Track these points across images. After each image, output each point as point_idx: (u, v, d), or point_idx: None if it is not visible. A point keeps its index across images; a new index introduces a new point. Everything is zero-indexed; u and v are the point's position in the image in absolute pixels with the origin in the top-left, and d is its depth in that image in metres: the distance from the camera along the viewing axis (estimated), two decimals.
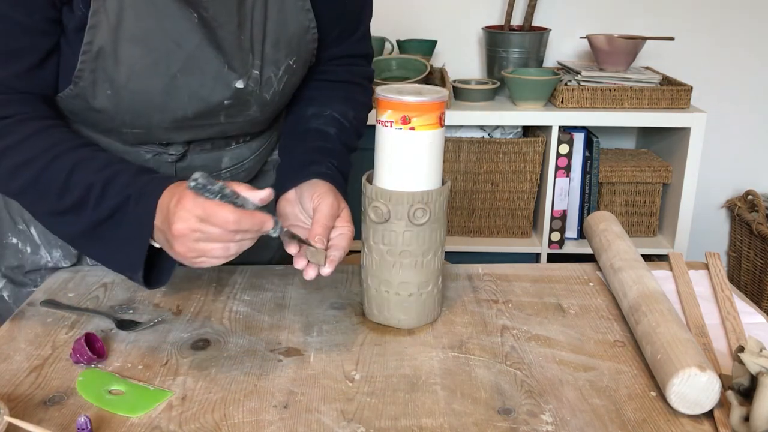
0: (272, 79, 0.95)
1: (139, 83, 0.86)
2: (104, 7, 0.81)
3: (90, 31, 0.82)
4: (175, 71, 0.87)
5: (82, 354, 0.83)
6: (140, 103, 0.89)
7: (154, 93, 0.88)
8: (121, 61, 0.84)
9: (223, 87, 0.91)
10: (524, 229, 2.26)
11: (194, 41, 0.86)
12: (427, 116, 0.85)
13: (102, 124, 0.94)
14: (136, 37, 0.84)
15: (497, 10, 2.38)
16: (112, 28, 0.82)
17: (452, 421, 0.74)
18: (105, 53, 0.83)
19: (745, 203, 2.44)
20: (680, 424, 0.74)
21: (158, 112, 0.91)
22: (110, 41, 0.83)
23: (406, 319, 0.92)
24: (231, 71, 0.90)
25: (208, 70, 0.89)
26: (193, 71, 0.88)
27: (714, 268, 1.07)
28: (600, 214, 1.12)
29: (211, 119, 0.95)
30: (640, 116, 2.09)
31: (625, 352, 0.87)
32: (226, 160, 1.05)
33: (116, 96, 0.87)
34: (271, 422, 0.74)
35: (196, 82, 0.89)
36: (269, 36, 0.93)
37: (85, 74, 0.85)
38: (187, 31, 0.86)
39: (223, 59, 0.89)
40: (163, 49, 0.85)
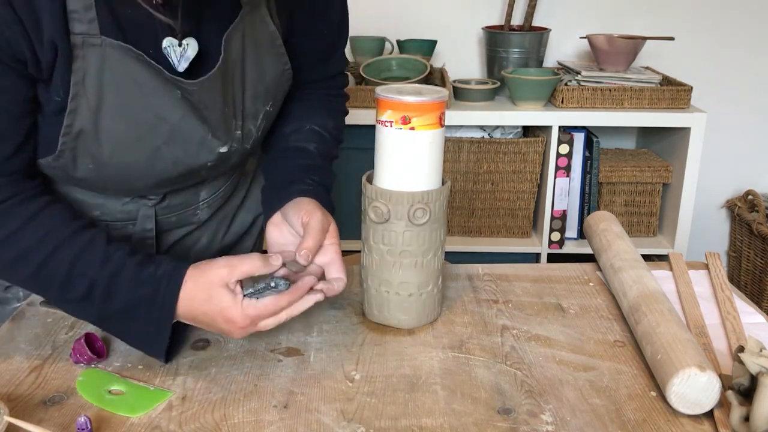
0: (252, 131, 0.95)
1: (122, 157, 0.85)
2: (83, 91, 0.79)
3: (70, 114, 0.80)
4: (159, 143, 0.86)
5: (82, 354, 0.83)
6: (123, 173, 0.87)
7: (137, 164, 0.87)
8: (103, 138, 0.82)
9: (207, 152, 0.90)
10: (524, 229, 2.26)
11: (178, 115, 0.85)
12: (427, 116, 0.85)
13: (82, 186, 0.92)
14: (117, 113, 0.81)
15: (497, 10, 2.38)
16: (92, 109, 0.80)
17: (452, 421, 0.74)
18: (86, 133, 0.81)
19: (745, 203, 2.44)
20: (680, 424, 0.74)
21: (141, 178, 0.90)
22: (91, 122, 0.81)
23: (406, 319, 0.92)
24: (215, 139, 0.90)
25: (193, 140, 0.88)
26: (177, 141, 0.87)
27: (714, 268, 1.07)
28: (600, 214, 1.12)
29: (193, 177, 0.95)
30: (640, 116, 2.09)
31: (625, 352, 0.87)
32: (203, 193, 1.04)
33: (98, 168, 0.85)
34: (271, 422, 0.74)
35: (180, 151, 0.88)
36: (248, 92, 0.91)
37: (66, 153, 0.83)
38: (170, 107, 0.84)
39: (208, 129, 0.88)
40: (146, 124, 0.84)
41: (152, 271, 0.80)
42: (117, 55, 0.79)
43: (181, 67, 0.84)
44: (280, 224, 0.93)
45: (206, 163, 0.92)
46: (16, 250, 0.80)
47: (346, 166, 2.13)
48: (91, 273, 0.79)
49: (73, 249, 0.80)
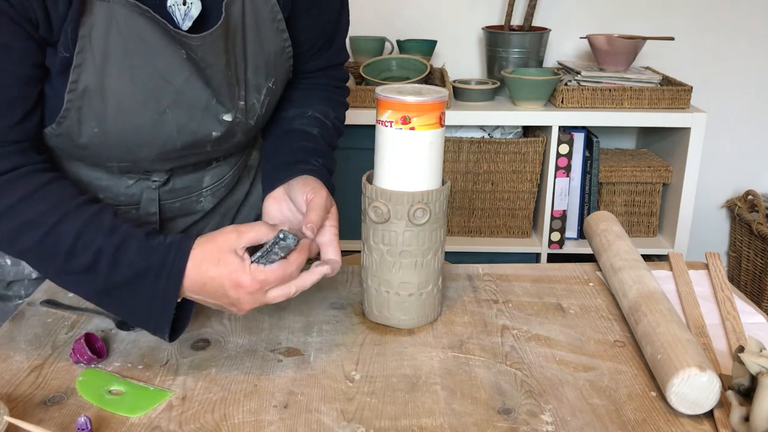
0: (255, 105, 0.95)
1: (127, 119, 0.85)
2: (90, 45, 0.79)
3: (75, 70, 0.80)
4: (164, 107, 0.86)
5: (82, 354, 0.83)
6: (128, 139, 0.87)
7: (142, 128, 0.86)
8: (108, 97, 0.82)
9: (212, 120, 0.90)
10: (524, 229, 2.26)
11: (183, 76, 0.85)
12: (427, 116, 0.85)
13: (87, 159, 0.92)
14: (123, 73, 0.82)
15: (497, 10, 2.38)
16: (98, 66, 0.80)
17: (452, 421, 0.74)
18: (91, 91, 0.81)
19: (745, 203, 2.44)
20: (680, 424, 0.74)
21: (146, 146, 0.89)
22: (97, 79, 0.81)
23: (406, 319, 0.92)
24: (219, 104, 0.90)
25: (197, 105, 0.88)
26: (182, 106, 0.87)
27: (714, 268, 1.07)
28: (600, 214, 1.12)
29: (198, 149, 0.94)
30: (640, 116, 2.09)
31: (625, 352, 0.87)
32: (207, 179, 1.04)
33: (103, 133, 0.85)
34: (271, 422, 0.74)
35: (184, 117, 0.88)
36: (249, 63, 0.92)
37: (71, 113, 0.83)
38: (175, 67, 0.84)
39: (212, 93, 0.88)
40: (151, 85, 0.84)
41: (161, 240, 0.80)
42: (124, 11, 0.79)
43: (185, 25, 0.84)
44: (280, 199, 0.93)
45: (211, 133, 0.92)
46: (20, 220, 0.79)
47: (346, 166, 2.14)
48: (98, 242, 0.78)
49: (80, 219, 0.79)
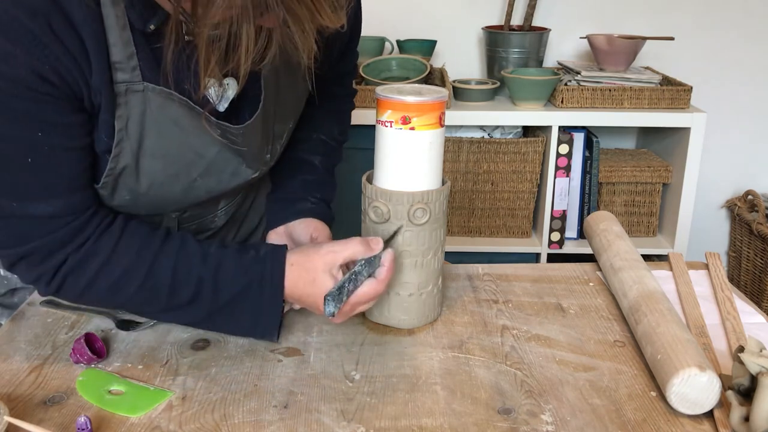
0: (278, 150, 0.97)
1: (159, 190, 0.86)
2: (126, 135, 0.79)
3: (114, 158, 0.80)
4: (195, 176, 0.87)
5: (82, 354, 0.83)
6: (158, 203, 0.89)
7: (173, 195, 0.88)
8: (143, 174, 0.83)
9: (239, 179, 0.92)
10: (524, 229, 2.26)
11: (215, 149, 0.86)
12: (427, 116, 0.85)
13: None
14: (156, 152, 0.82)
15: (497, 10, 2.38)
16: (134, 150, 0.81)
17: (452, 421, 0.74)
18: (127, 171, 0.82)
19: (745, 203, 2.44)
20: (680, 424, 0.74)
21: (174, 205, 0.93)
22: (133, 160, 0.82)
23: (406, 319, 0.92)
24: (248, 168, 0.92)
25: (226, 170, 0.90)
26: (212, 173, 0.88)
27: (714, 268, 1.07)
28: (600, 214, 1.12)
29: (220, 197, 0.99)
30: (640, 116, 2.09)
31: (625, 352, 0.87)
32: (222, 203, 1.06)
33: (134, 199, 0.86)
34: (271, 422, 0.74)
35: (213, 182, 0.90)
36: (278, 120, 0.93)
37: (106, 187, 0.83)
38: (208, 144, 0.85)
39: (242, 160, 0.90)
40: (183, 162, 0.85)
41: (254, 255, 0.84)
42: (159, 99, 0.79)
43: (222, 107, 0.84)
44: (282, 236, 1.01)
45: (236, 187, 0.94)
46: (117, 273, 0.81)
47: (346, 166, 2.13)
48: (196, 271, 0.82)
49: (170, 255, 0.82)
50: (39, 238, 0.78)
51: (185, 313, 0.85)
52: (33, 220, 0.77)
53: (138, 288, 0.81)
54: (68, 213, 0.79)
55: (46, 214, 0.77)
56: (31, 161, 0.74)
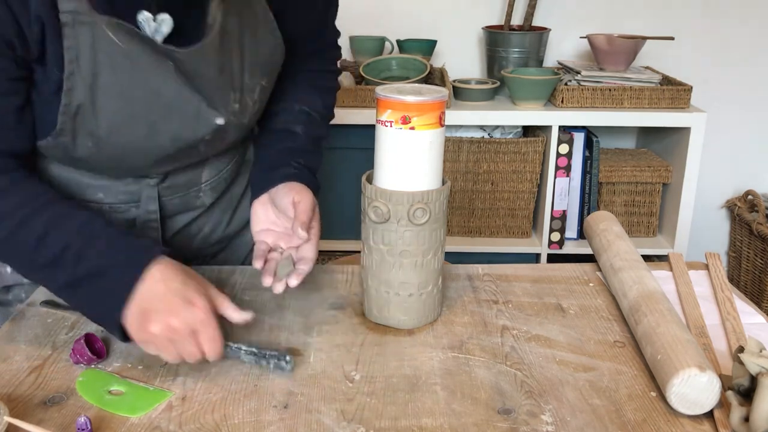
0: (249, 105, 0.96)
1: (120, 134, 0.86)
2: (78, 67, 0.79)
3: (67, 93, 0.80)
4: (155, 119, 0.86)
5: (82, 354, 0.83)
6: (122, 151, 0.88)
7: (135, 140, 0.87)
8: (101, 115, 0.83)
9: (204, 125, 0.91)
10: (524, 229, 2.26)
11: (173, 88, 0.85)
12: (427, 116, 0.85)
13: (83, 168, 0.93)
14: (113, 90, 0.82)
15: (497, 10, 2.38)
16: (88, 85, 0.81)
17: (452, 421, 0.74)
18: (83, 110, 0.82)
19: (745, 203, 2.44)
20: (680, 424, 0.74)
21: (140, 155, 0.91)
22: (88, 98, 0.81)
23: (406, 319, 0.92)
24: (212, 109, 0.90)
25: (188, 112, 0.88)
26: (174, 116, 0.87)
27: (714, 269, 1.07)
28: (600, 214, 1.12)
29: (191, 152, 0.95)
30: (640, 116, 2.09)
31: (625, 352, 0.87)
32: (206, 174, 1.05)
33: (97, 147, 0.86)
34: (271, 422, 0.74)
35: (177, 126, 0.89)
36: (246, 67, 0.92)
37: (65, 131, 0.83)
38: (164, 79, 0.84)
39: (203, 99, 0.89)
40: (141, 100, 0.84)
41: (130, 240, 0.81)
42: (108, 30, 0.79)
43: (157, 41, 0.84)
44: (266, 204, 0.98)
45: (203, 137, 0.92)
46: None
47: (346, 166, 2.14)
48: (66, 238, 0.80)
49: (49, 215, 0.80)
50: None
51: (46, 276, 0.82)
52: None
53: (7, 235, 0.80)
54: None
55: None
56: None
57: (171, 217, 1.05)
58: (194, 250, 1.12)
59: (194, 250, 1.12)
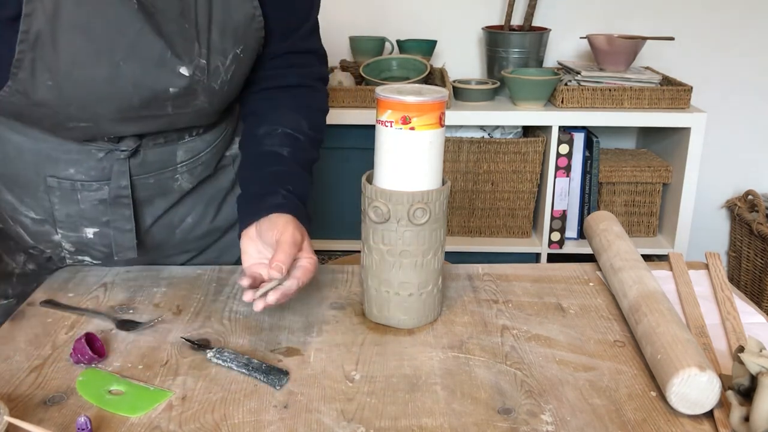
0: (220, 69, 0.94)
1: (82, 72, 0.85)
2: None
3: (26, 18, 0.79)
4: (117, 59, 0.85)
5: (83, 354, 0.83)
6: (84, 94, 0.87)
7: (97, 82, 0.86)
8: (61, 49, 0.82)
9: (168, 74, 0.90)
10: (524, 229, 2.26)
11: (135, 27, 0.85)
12: (427, 116, 0.85)
13: (46, 120, 0.92)
14: (75, 24, 0.82)
15: (497, 10, 2.38)
16: (49, 15, 0.80)
17: (452, 421, 0.74)
18: (43, 41, 0.81)
19: (745, 203, 2.44)
20: (680, 424, 0.74)
21: (103, 103, 0.89)
22: (48, 28, 0.80)
23: (406, 319, 0.92)
24: (175, 57, 0.89)
25: (151, 57, 0.87)
26: (136, 58, 0.86)
27: (714, 268, 1.07)
28: (600, 214, 1.12)
29: (159, 109, 0.93)
30: (640, 116, 2.09)
31: (625, 352, 0.87)
32: (181, 153, 1.03)
33: (58, 87, 0.85)
34: (271, 422, 0.74)
35: (139, 70, 0.87)
36: (215, 25, 0.91)
37: (24, 64, 0.82)
38: (127, 18, 0.84)
39: (166, 45, 0.88)
40: (104, 37, 0.84)
41: None
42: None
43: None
44: (255, 239, 0.92)
45: (168, 88, 0.91)
46: None
47: (346, 166, 2.14)
48: None
49: None
50: None
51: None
52: None
53: None
54: None
55: None
56: None
57: (148, 201, 1.04)
58: (177, 242, 1.11)
59: (177, 242, 1.11)
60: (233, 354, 0.84)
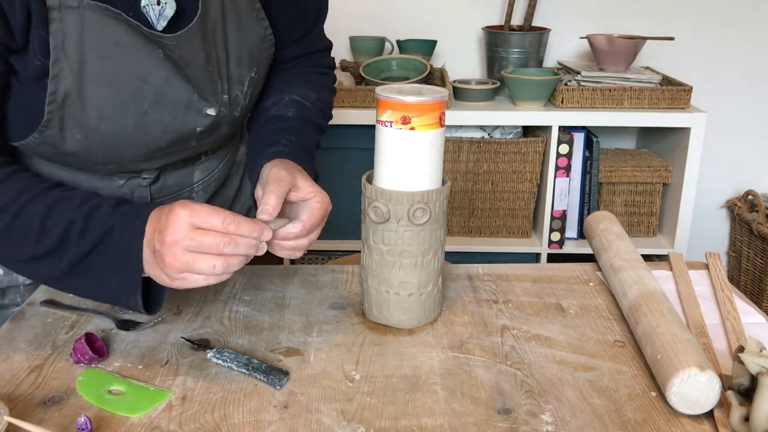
0: (239, 97, 0.95)
1: (110, 124, 0.84)
2: (64, 53, 0.78)
3: (53, 80, 0.78)
4: (146, 108, 0.85)
5: (83, 354, 0.83)
6: (112, 142, 0.87)
7: (125, 131, 0.86)
8: (89, 104, 0.81)
9: (196, 116, 0.90)
10: (524, 229, 2.26)
11: (162, 76, 0.84)
12: (427, 116, 0.85)
13: (73, 164, 0.92)
14: (101, 78, 0.81)
15: (497, 10, 2.38)
16: (75, 72, 0.79)
17: (452, 421, 0.74)
18: (71, 99, 0.80)
19: (745, 203, 2.44)
20: (680, 424, 0.74)
21: (131, 148, 0.89)
22: (75, 86, 0.80)
23: (406, 319, 0.92)
24: (202, 100, 0.89)
25: (179, 103, 0.88)
26: (164, 105, 0.86)
27: (714, 268, 1.07)
28: (600, 214, 1.12)
29: (184, 145, 0.94)
30: (640, 116, 2.09)
31: (625, 352, 0.87)
32: (197, 174, 1.04)
33: (87, 139, 0.84)
34: (271, 422, 0.74)
35: (167, 116, 0.88)
36: (232, 55, 0.91)
37: (53, 123, 0.82)
38: (153, 67, 0.83)
39: (193, 90, 0.88)
40: (130, 88, 0.83)
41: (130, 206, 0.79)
42: (96, 16, 0.77)
43: (160, 25, 0.83)
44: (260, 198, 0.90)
45: (195, 128, 0.91)
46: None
47: (346, 166, 2.14)
48: (68, 214, 0.77)
49: (47, 198, 0.78)
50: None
51: (48, 264, 0.79)
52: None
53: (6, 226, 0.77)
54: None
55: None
56: None
57: None
58: None
59: None
60: (233, 354, 0.84)
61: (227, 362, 0.83)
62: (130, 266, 0.77)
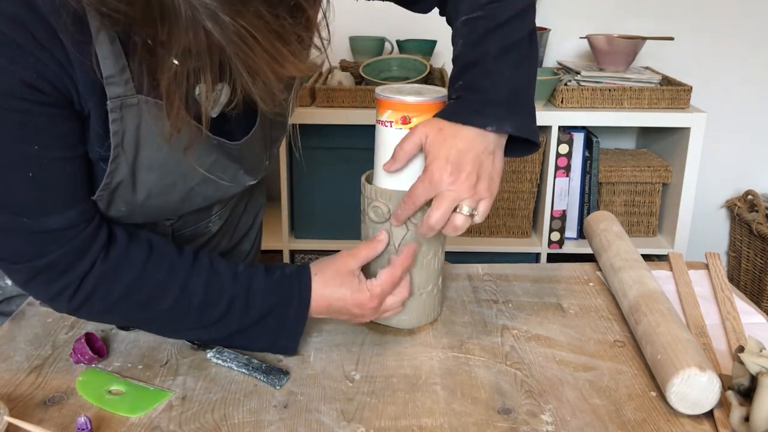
0: (275, 153, 0.97)
1: (156, 201, 0.85)
2: (123, 149, 0.77)
3: (110, 174, 0.78)
4: (192, 185, 0.86)
5: (83, 354, 0.83)
6: (154, 213, 0.88)
7: (170, 204, 0.87)
8: (139, 186, 0.82)
9: (238, 186, 0.92)
10: (524, 229, 2.26)
11: (212, 158, 0.85)
12: (427, 116, 0.84)
13: None
14: (152, 165, 0.81)
15: None
16: (129, 162, 0.79)
17: (452, 421, 0.74)
18: (123, 184, 0.80)
19: (745, 203, 2.44)
20: (680, 424, 0.74)
21: (171, 213, 0.91)
22: (129, 173, 0.80)
23: (406, 319, 0.92)
24: (247, 174, 0.91)
25: (225, 177, 0.89)
26: (210, 182, 0.87)
27: (714, 268, 1.07)
28: (600, 214, 1.12)
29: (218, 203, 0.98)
30: (640, 116, 2.09)
31: (625, 352, 0.87)
32: (216, 207, 1.04)
33: (131, 212, 0.85)
34: (271, 422, 0.74)
35: (212, 189, 0.89)
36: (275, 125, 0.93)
37: (102, 200, 0.81)
38: (204, 152, 0.84)
39: (240, 166, 0.89)
40: (180, 171, 0.83)
41: (280, 274, 0.84)
42: (154, 110, 0.77)
43: (214, 113, 0.82)
44: None
45: (234, 194, 0.94)
46: (148, 290, 0.80)
47: (346, 166, 2.14)
48: (228, 290, 0.82)
49: (201, 273, 0.82)
50: (57, 250, 0.76)
51: (209, 332, 0.84)
52: (48, 233, 0.75)
53: (170, 307, 0.80)
54: (81, 221, 0.77)
55: (61, 225, 0.76)
56: (32, 175, 0.72)
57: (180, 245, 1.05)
58: None
59: None
60: (233, 354, 0.84)
61: (227, 362, 0.83)
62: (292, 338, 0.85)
